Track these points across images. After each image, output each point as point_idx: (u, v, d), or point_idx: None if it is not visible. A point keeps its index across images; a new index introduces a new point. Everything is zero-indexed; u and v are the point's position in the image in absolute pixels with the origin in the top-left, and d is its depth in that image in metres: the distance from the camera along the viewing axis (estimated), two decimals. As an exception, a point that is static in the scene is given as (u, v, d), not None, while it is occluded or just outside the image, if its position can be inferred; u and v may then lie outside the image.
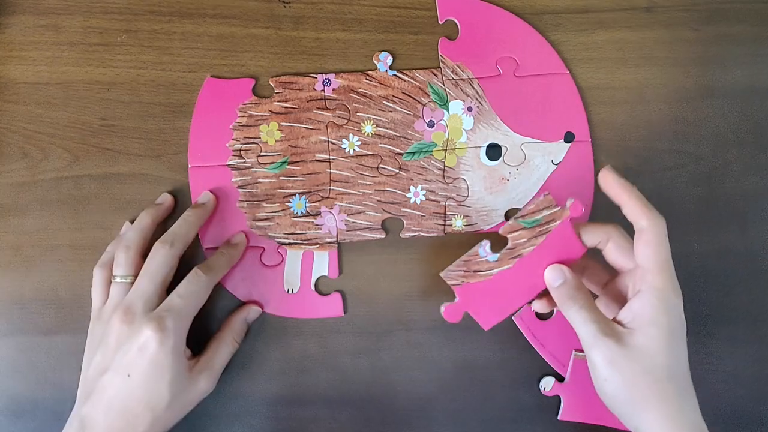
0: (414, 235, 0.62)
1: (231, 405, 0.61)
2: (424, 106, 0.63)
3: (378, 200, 0.62)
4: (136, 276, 0.55)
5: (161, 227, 0.59)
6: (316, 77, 0.62)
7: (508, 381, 0.62)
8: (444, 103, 0.63)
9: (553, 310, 0.62)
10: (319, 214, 0.62)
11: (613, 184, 0.52)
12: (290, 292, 0.61)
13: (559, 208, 0.52)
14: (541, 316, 0.62)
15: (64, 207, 0.61)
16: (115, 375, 0.52)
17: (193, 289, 0.55)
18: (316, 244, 0.62)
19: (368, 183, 0.62)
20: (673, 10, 0.66)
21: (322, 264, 0.62)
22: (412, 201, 0.62)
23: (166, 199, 0.61)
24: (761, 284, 0.65)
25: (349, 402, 0.62)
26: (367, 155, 0.62)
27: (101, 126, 0.62)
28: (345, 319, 0.62)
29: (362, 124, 0.62)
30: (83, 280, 0.60)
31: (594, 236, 0.53)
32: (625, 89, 0.65)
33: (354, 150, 0.62)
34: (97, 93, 0.63)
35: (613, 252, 0.53)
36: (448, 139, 0.63)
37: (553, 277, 0.53)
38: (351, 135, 0.62)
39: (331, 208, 0.62)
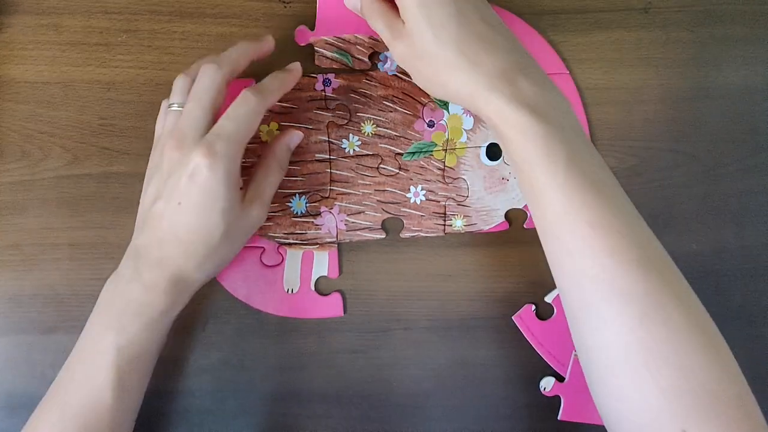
0: (414, 235, 0.62)
1: (229, 402, 0.61)
2: (424, 106, 0.63)
3: (378, 200, 0.62)
4: None
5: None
6: (316, 77, 0.62)
7: (506, 379, 0.62)
8: (444, 103, 0.63)
9: (553, 310, 0.62)
10: (319, 214, 0.62)
11: None
12: (290, 292, 0.61)
13: None
14: (540, 316, 0.62)
15: (63, 206, 0.61)
16: (166, 203, 0.50)
17: (242, 112, 0.51)
18: (315, 244, 0.62)
19: (368, 183, 0.62)
20: (668, 12, 0.67)
21: (322, 264, 0.62)
22: (412, 201, 0.62)
23: (267, 40, 0.58)
24: (757, 284, 0.65)
25: (347, 399, 0.62)
26: (367, 155, 0.62)
27: (101, 125, 0.62)
28: (343, 317, 0.62)
29: (362, 124, 0.62)
30: (82, 278, 0.60)
31: None
32: (623, 89, 0.66)
33: (354, 150, 0.62)
34: (97, 92, 0.63)
35: None
36: (448, 139, 0.63)
37: (353, 4, 0.58)
38: (351, 135, 0.62)
39: (331, 208, 0.62)
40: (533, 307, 0.62)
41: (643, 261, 0.47)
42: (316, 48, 0.63)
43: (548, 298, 0.62)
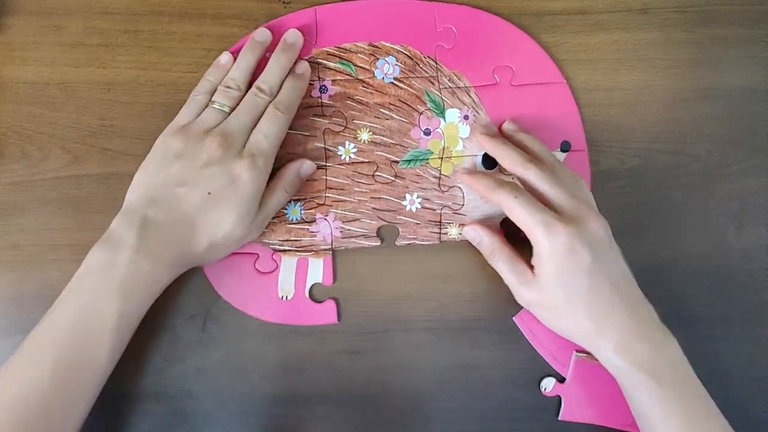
0: (409, 243, 0.63)
1: (229, 404, 0.61)
2: (420, 114, 0.63)
3: (373, 208, 0.62)
4: (232, 110, 0.58)
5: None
6: (312, 83, 0.62)
7: (506, 381, 0.63)
8: (440, 112, 0.63)
9: None
10: (314, 221, 0.62)
11: (472, 180, 0.61)
12: (284, 299, 0.61)
13: None
14: None
15: (63, 207, 0.62)
16: (195, 190, 0.55)
17: (275, 130, 0.57)
18: (310, 251, 0.62)
19: (364, 190, 0.62)
20: (667, 12, 0.66)
21: (317, 271, 0.62)
22: (407, 209, 0.63)
23: (266, 35, 0.61)
24: (757, 285, 0.65)
25: (346, 401, 0.62)
26: (363, 162, 0.62)
27: (101, 126, 0.63)
28: (343, 319, 0.62)
29: (358, 131, 0.62)
30: (82, 279, 0.61)
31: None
32: (622, 90, 0.65)
33: (350, 157, 0.62)
34: (97, 93, 0.63)
35: None
36: (444, 148, 0.63)
37: (472, 237, 0.61)
38: (347, 142, 0.62)
39: (327, 216, 0.62)
40: None
41: None
42: (318, 60, 0.62)
43: None
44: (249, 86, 0.59)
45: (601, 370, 0.58)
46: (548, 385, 0.62)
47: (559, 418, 0.62)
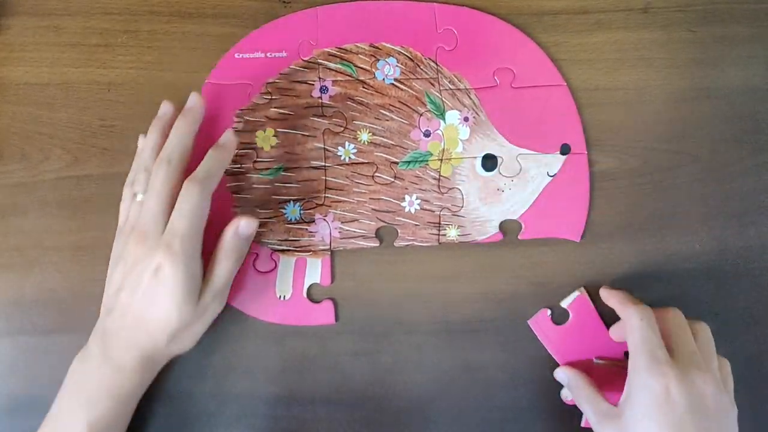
0: (408, 245, 0.62)
1: (231, 405, 0.61)
2: (420, 115, 0.63)
3: (372, 209, 0.62)
4: None
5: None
6: (313, 84, 0.62)
7: (510, 382, 0.62)
8: (440, 113, 0.63)
9: (569, 315, 0.62)
10: (313, 221, 0.62)
11: (608, 296, 0.60)
12: (282, 298, 0.61)
13: None
14: (556, 321, 0.62)
15: (64, 207, 0.62)
16: (131, 294, 0.54)
17: (191, 205, 0.54)
18: (309, 251, 0.62)
19: (363, 191, 0.62)
20: (669, 12, 0.66)
21: (315, 271, 0.62)
22: (406, 210, 0.62)
23: (166, 109, 0.60)
24: (759, 284, 0.65)
25: (348, 402, 0.62)
26: (362, 163, 0.62)
27: (101, 126, 0.63)
28: (344, 320, 0.62)
29: (358, 132, 0.62)
30: (83, 280, 0.61)
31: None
32: (624, 90, 0.65)
33: (349, 158, 0.62)
34: (97, 94, 0.63)
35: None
36: (443, 149, 0.63)
37: (561, 378, 0.61)
38: (347, 143, 0.62)
39: (326, 216, 0.62)
40: (549, 311, 0.62)
41: None
42: (319, 60, 0.62)
43: (564, 303, 0.62)
44: None
45: (621, 376, 0.56)
46: (569, 393, 0.61)
47: (582, 425, 0.61)
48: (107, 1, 0.64)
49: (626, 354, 0.57)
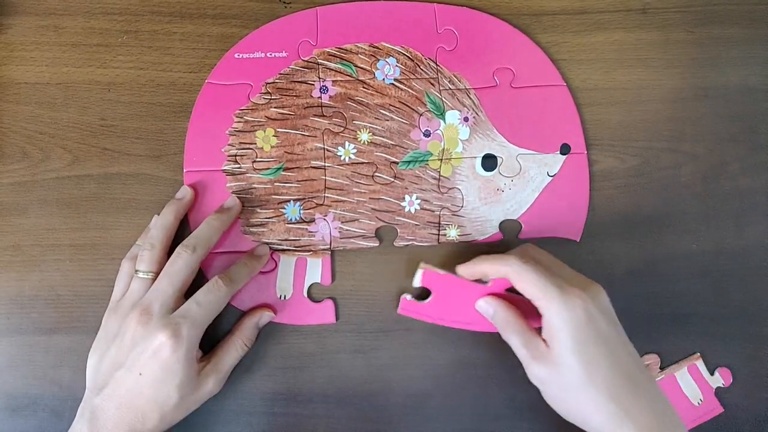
0: (408, 244, 0.63)
1: (230, 402, 0.62)
2: (420, 115, 0.63)
3: (372, 208, 0.62)
4: (157, 273, 0.56)
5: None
6: (313, 84, 0.62)
7: (506, 379, 0.63)
8: (440, 113, 0.63)
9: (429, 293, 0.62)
10: (313, 221, 0.62)
11: (471, 266, 0.58)
12: (283, 298, 0.61)
13: None
14: (420, 299, 0.61)
15: (64, 207, 0.62)
16: (128, 373, 0.53)
17: (212, 299, 0.55)
18: (309, 251, 0.62)
19: (363, 191, 0.62)
20: (667, 12, 0.67)
21: (315, 271, 0.62)
22: (406, 210, 0.63)
23: (186, 193, 0.61)
24: (757, 283, 0.65)
25: (346, 399, 0.62)
26: (362, 163, 0.62)
27: (101, 126, 0.63)
28: (343, 318, 0.62)
29: (358, 132, 0.62)
30: (83, 279, 0.61)
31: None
32: (622, 90, 0.66)
33: (349, 158, 0.62)
34: (97, 93, 0.63)
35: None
36: (443, 149, 0.63)
37: (485, 309, 0.58)
38: (347, 143, 0.62)
39: (325, 216, 0.62)
40: (408, 296, 0.61)
41: None
42: (319, 60, 0.63)
43: (416, 284, 0.60)
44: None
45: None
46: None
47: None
48: (108, 1, 0.64)
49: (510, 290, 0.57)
